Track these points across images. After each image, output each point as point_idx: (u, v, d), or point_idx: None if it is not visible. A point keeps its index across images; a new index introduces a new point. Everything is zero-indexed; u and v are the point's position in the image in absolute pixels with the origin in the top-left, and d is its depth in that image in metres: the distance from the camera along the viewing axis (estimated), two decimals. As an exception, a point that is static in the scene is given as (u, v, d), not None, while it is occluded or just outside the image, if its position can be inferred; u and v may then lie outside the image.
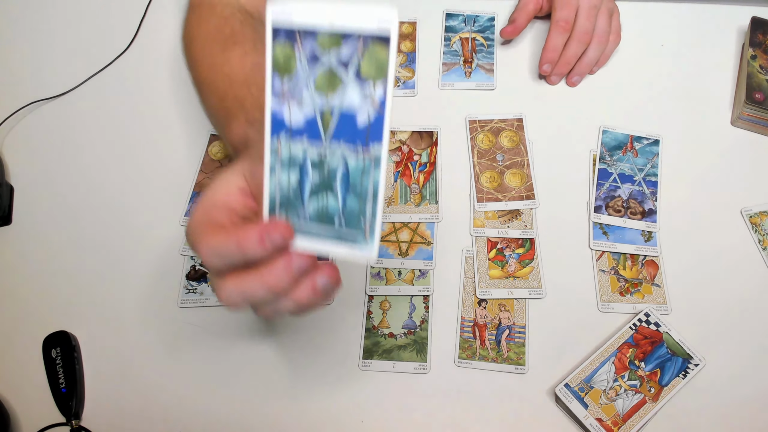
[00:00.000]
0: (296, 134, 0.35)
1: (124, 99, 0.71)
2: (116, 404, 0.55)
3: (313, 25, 0.33)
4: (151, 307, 0.59)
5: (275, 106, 0.35)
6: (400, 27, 0.75)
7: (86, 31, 0.76)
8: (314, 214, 0.36)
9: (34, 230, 0.64)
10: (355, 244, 0.36)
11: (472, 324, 0.58)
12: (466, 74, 0.72)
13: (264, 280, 0.35)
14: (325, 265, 0.37)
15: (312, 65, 0.34)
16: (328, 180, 0.36)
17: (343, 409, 0.55)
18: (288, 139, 0.36)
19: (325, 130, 0.35)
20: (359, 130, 0.34)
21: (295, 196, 0.36)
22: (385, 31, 0.32)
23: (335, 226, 0.36)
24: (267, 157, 0.36)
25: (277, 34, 0.34)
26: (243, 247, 0.35)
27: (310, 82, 0.34)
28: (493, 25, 0.75)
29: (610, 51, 0.71)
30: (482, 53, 0.73)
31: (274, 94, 0.35)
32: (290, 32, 0.34)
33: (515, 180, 0.65)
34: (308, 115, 0.35)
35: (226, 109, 0.49)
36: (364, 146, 0.35)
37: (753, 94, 0.66)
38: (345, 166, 0.35)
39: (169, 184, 0.65)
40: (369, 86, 0.34)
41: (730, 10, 0.75)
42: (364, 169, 0.35)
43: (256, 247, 0.34)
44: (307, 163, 0.36)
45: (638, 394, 0.53)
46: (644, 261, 0.60)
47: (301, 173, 0.36)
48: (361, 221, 0.36)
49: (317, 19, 0.33)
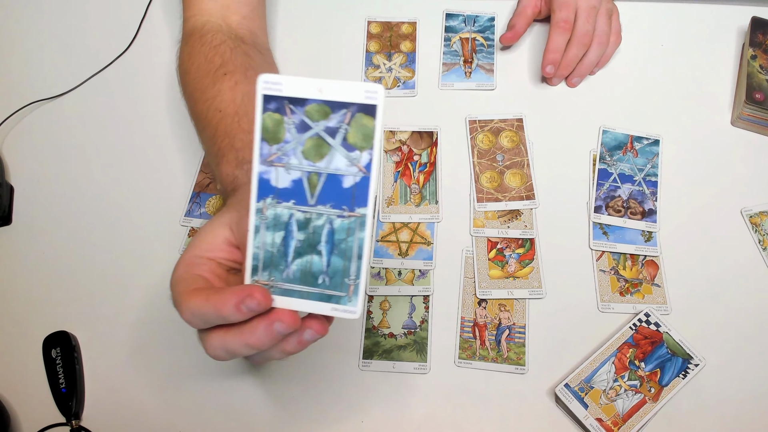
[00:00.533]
0: (282, 196, 0.36)
1: (124, 99, 0.71)
2: (116, 404, 0.55)
3: (303, 96, 0.34)
4: (151, 307, 0.59)
5: (262, 170, 0.36)
6: (399, 27, 0.75)
7: (86, 31, 0.76)
8: (298, 273, 0.36)
9: (34, 230, 0.64)
10: (339, 303, 0.36)
11: (472, 324, 0.58)
12: (466, 74, 0.72)
13: (246, 340, 0.36)
14: (312, 320, 0.37)
15: (301, 133, 0.35)
16: (314, 240, 0.36)
17: (343, 409, 0.55)
18: (274, 201, 0.36)
19: (312, 192, 0.36)
20: (345, 194, 0.35)
21: (280, 255, 0.36)
22: (372, 101, 0.33)
23: (319, 285, 0.36)
24: (252, 218, 0.36)
25: (268, 103, 0.35)
26: (221, 312, 0.35)
27: (298, 148, 0.35)
28: (493, 25, 0.75)
29: (610, 52, 0.71)
30: (482, 53, 0.73)
31: (262, 161, 0.36)
32: (280, 102, 0.35)
33: (515, 180, 0.65)
34: (295, 178, 0.36)
35: (218, 147, 0.50)
36: (350, 209, 0.35)
37: (753, 94, 0.66)
38: (330, 226, 0.36)
39: (169, 184, 0.65)
40: (356, 153, 0.35)
41: (730, 10, 0.75)
42: (350, 229, 0.36)
43: (234, 313, 0.35)
44: (292, 224, 0.36)
45: (638, 394, 0.53)
46: (644, 261, 0.60)
47: (286, 233, 0.36)
48: (345, 281, 0.36)
49: (307, 91, 0.34)
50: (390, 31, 0.75)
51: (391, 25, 0.76)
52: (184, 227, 0.63)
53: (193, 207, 0.64)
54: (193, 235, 0.62)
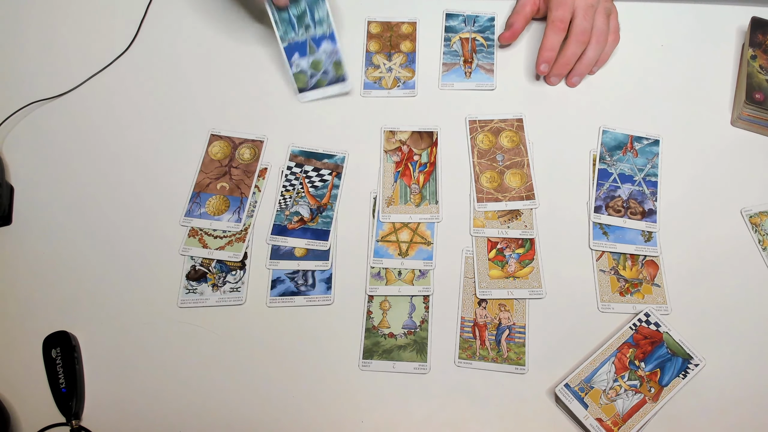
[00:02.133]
0: None
1: (124, 99, 0.71)
2: (116, 404, 0.56)
3: None
4: (151, 307, 0.59)
5: None
6: (399, 27, 0.75)
7: (86, 31, 0.76)
8: None
9: (34, 230, 0.64)
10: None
11: (472, 324, 0.58)
12: (466, 74, 0.72)
13: None
14: None
15: None
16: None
17: (343, 409, 0.55)
18: None
19: None
20: None
21: None
22: None
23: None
24: None
25: None
26: None
27: None
28: (493, 25, 0.75)
29: (609, 51, 0.71)
30: (482, 53, 0.73)
31: None
32: None
33: (515, 180, 0.65)
34: None
35: None
36: None
37: (753, 94, 0.66)
38: None
39: (169, 184, 0.66)
40: None
41: (730, 10, 0.75)
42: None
43: None
44: None
45: (638, 394, 0.53)
46: (644, 261, 0.60)
47: None
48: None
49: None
50: (390, 31, 0.75)
51: (391, 25, 0.76)
52: (184, 227, 0.63)
53: (193, 207, 0.64)
54: (193, 235, 0.62)
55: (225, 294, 0.60)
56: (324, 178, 0.66)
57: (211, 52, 0.74)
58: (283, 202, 0.64)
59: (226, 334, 0.58)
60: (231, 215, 0.63)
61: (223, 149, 0.67)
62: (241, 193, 0.65)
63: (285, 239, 0.62)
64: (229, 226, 0.63)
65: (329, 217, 0.63)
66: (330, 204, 0.64)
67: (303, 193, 0.65)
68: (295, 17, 0.63)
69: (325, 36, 0.64)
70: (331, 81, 0.67)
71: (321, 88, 0.67)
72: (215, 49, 0.74)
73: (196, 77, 0.72)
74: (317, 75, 0.64)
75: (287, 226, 0.63)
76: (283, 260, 0.61)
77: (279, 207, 0.64)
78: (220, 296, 0.59)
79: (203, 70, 0.73)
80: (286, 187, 0.65)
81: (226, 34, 0.75)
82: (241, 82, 0.72)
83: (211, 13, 0.77)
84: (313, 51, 0.63)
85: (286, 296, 0.59)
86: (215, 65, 0.73)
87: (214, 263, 0.61)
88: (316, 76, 0.65)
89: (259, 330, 0.58)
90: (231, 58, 0.73)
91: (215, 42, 0.74)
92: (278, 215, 0.63)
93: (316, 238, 0.62)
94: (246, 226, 0.63)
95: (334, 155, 0.67)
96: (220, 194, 0.64)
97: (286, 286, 0.60)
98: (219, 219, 0.63)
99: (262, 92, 0.71)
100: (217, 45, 0.74)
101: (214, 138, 0.68)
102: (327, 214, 0.63)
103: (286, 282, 0.60)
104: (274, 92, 0.71)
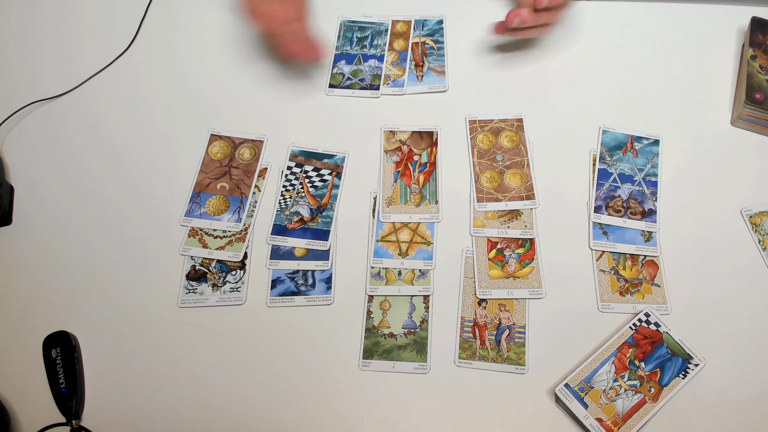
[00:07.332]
0: None
1: (124, 99, 0.71)
2: (116, 404, 0.55)
3: None
4: (151, 307, 0.59)
5: None
6: (394, 25, 0.75)
7: (86, 31, 0.76)
8: None
9: (34, 230, 0.64)
10: None
11: (472, 324, 0.58)
12: (418, 78, 0.72)
13: None
14: None
15: None
16: None
17: (343, 409, 0.55)
18: None
19: None
20: None
21: None
22: None
23: None
24: None
25: None
26: None
27: None
28: (441, 28, 0.75)
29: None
30: (432, 56, 0.73)
31: None
32: None
33: (515, 180, 0.65)
34: None
35: None
36: None
37: (753, 94, 0.66)
38: None
39: (169, 184, 0.66)
40: None
41: (730, 10, 0.75)
42: None
43: None
44: None
45: (638, 394, 0.53)
46: (644, 261, 0.60)
47: None
48: None
49: None
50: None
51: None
52: (184, 227, 0.63)
53: (193, 207, 0.64)
54: (193, 235, 0.62)
55: (225, 294, 0.60)
56: (324, 178, 0.66)
57: (211, 52, 0.74)
58: (283, 202, 0.64)
59: (226, 334, 0.58)
60: (231, 215, 0.63)
61: (223, 149, 0.67)
62: (241, 193, 0.65)
63: (285, 239, 0.62)
64: (229, 226, 0.63)
65: (329, 217, 0.63)
66: (330, 204, 0.64)
67: (303, 193, 0.65)
68: (357, 38, 0.73)
69: (375, 56, 0.70)
70: (364, 87, 0.69)
71: (352, 89, 0.69)
72: (215, 49, 0.74)
73: (196, 77, 0.72)
74: (353, 80, 0.69)
75: (287, 226, 0.63)
76: (283, 260, 0.61)
77: (279, 207, 0.64)
78: (220, 296, 0.59)
79: (203, 70, 0.73)
80: (286, 187, 0.65)
81: (226, 34, 0.75)
82: (241, 82, 0.72)
83: (211, 13, 0.77)
84: (359, 63, 0.68)
85: (286, 296, 0.59)
86: (215, 65, 0.73)
87: (214, 263, 0.61)
88: (352, 80, 0.69)
89: (259, 330, 0.58)
90: (231, 58, 0.73)
91: (215, 42, 0.75)
92: (278, 215, 0.63)
93: (316, 238, 0.62)
94: (246, 226, 0.63)
95: (334, 155, 0.67)
96: (220, 194, 0.65)
97: (286, 286, 0.60)
98: (219, 219, 0.63)
99: (262, 92, 0.71)
100: (217, 45, 0.74)
101: (214, 138, 0.68)
102: (327, 214, 0.63)
103: (286, 282, 0.60)
104: (274, 92, 0.71)
